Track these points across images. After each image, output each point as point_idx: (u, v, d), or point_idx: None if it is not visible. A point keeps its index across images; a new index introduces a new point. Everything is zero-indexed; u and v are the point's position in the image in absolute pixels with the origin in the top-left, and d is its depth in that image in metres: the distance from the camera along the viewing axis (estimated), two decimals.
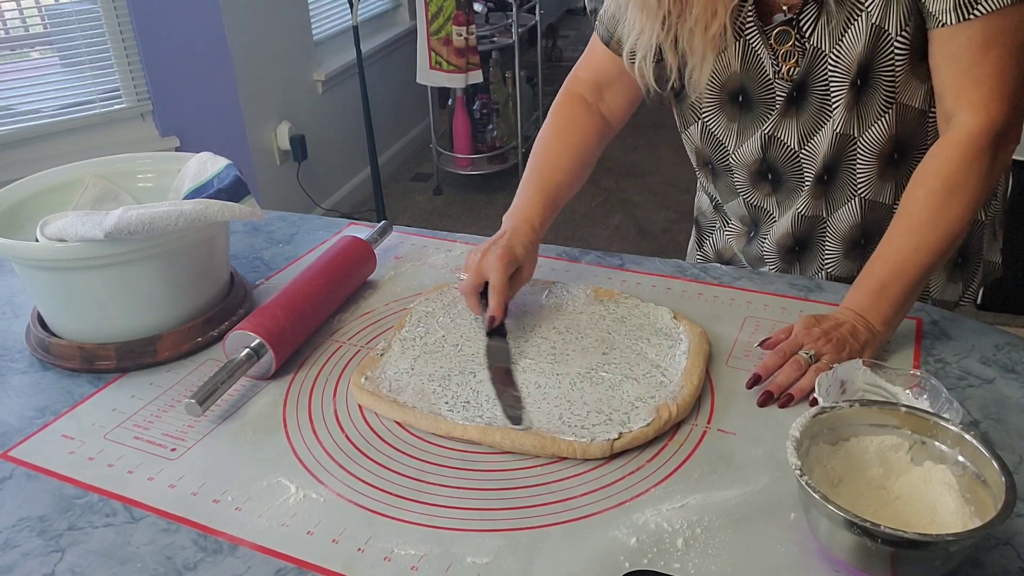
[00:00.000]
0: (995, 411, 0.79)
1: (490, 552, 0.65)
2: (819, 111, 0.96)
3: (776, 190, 1.05)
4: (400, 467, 0.75)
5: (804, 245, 1.07)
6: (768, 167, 1.03)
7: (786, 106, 0.97)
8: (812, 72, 0.93)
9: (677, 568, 0.63)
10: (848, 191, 1.01)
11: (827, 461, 0.67)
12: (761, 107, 0.99)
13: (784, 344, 0.85)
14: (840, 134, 0.96)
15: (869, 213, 1.01)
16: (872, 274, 0.87)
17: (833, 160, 0.98)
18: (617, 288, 1.02)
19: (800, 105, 0.96)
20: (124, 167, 1.06)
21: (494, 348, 0.89)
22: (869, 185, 0.99)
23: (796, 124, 0.98)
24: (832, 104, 0.94)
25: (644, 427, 0.76)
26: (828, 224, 1.04)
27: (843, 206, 1.02)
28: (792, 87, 0.95)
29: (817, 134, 0.97)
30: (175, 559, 0.66)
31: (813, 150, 0.99)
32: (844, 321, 0.85)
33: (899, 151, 0.97)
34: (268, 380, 0.88)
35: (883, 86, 0.91)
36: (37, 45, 2.64)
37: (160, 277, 0.89)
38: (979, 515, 0.61)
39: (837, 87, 0.93)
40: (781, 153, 1.01)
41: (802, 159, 1.00)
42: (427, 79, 3.48)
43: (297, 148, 3.18)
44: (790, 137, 0.99)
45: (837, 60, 0.91)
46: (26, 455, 0.78)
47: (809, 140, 0.98)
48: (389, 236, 1.17)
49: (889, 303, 0.85)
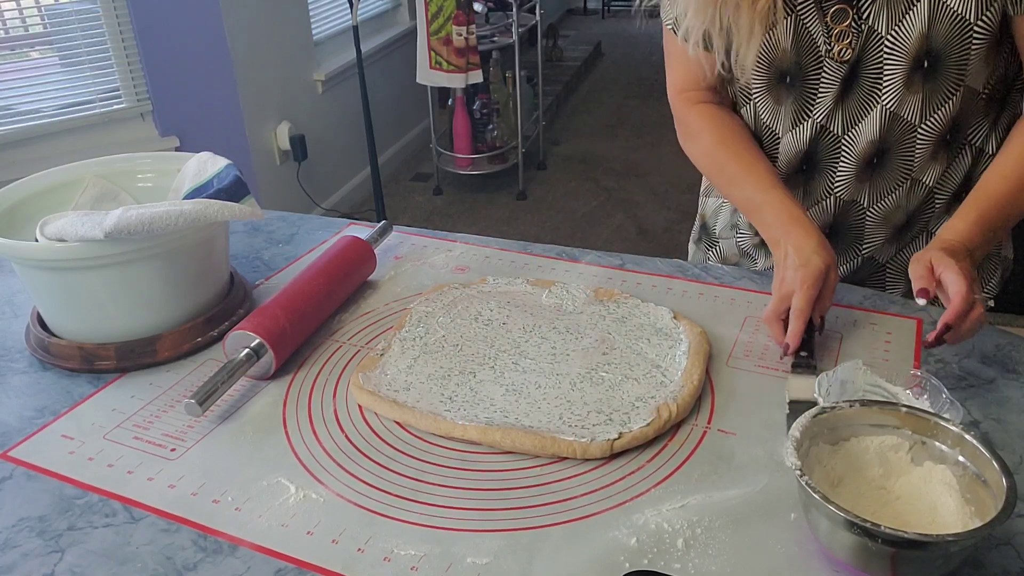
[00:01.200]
0: (995, 411, 0.79)
1: (490, 552, 0.65)
2: (868, 95, 0.93)
3: (807, 183, 1.03)
4: (400, 467, 0.75)
5: (838, 230, 1.05)
6: (808, 158, 1.01)
7: (840, 90, 0.94)
8: (866, 54, 0.91)
9: (677, 568, 0.63)
10: (900, 175, 0.99)
11: (827, 461, 0.67)
12: (808, 89, 0.96)
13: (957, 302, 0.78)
14: (898, 117, 0.94)
15: (912, 195, 1.00)
16: (989, 216, 0.86)
17: (884, 144, 0.96)
18: (617, 288, 1.02)
19: (849, 88, 0.94)
20: (124, 167, 1.06)
21: (796, 384, 0.81)
22: (922, 168, 0.98)
23: (843, 110, 0.96)
24: (883, 90, 0.92)
25: (644, 427, 0.76)
26: (869, 210, 1.02)
27: (892, 191, 1.00)
28: (846, 69, 0.93)
29: (863, 120, 0.95)
30: (175, 559, 0.66)
31: (856, 137, 0.97)
32: (973, 270, 0.81)
33: (952, 132, 0.96)
34: (268, 380, 0.88)
35: (953, 70, 0.90)
36: (37, 45, 2.64)
37: (160, 277, 0.89)
38: (979, 515, 0.61)
39: (891, 71, 0.91)
40: (826, 141, 0.99)
41: (843, 146, 0.98)
42: (427, 79, 3.48)
43: (297, 148, 3.18)
44: (837, 125, 0.97)
45: (894, 43, 0.89)
46: (26, 455, 0.78)
47: (854, 126, 0.96)
48: (389, 236, 1.17)
49: (990, 244, 0.88)
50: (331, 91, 3.46)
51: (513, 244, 1.17)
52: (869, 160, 0.98)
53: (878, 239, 1.05)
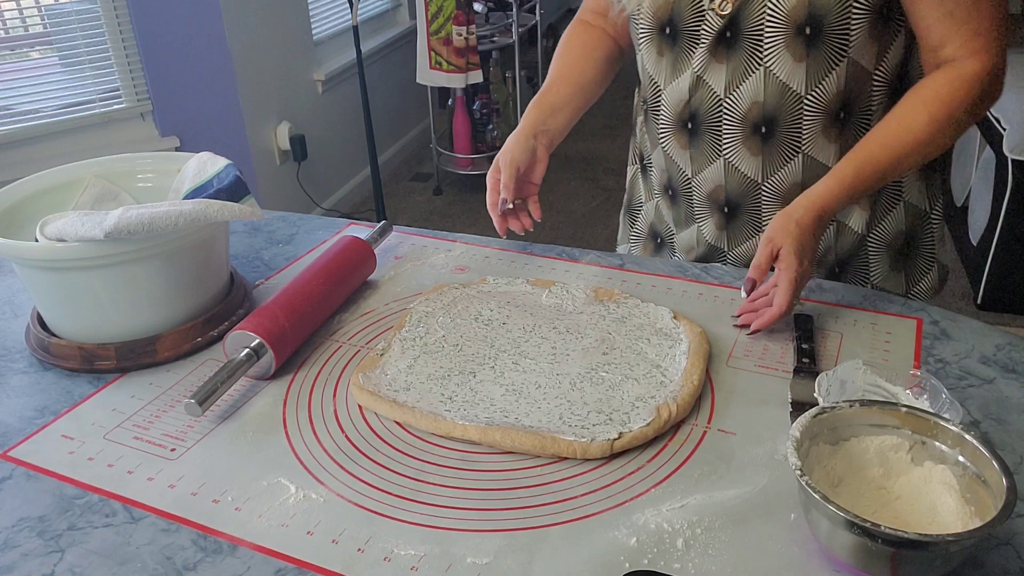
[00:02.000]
0: (995, 411, 0.79)
1: (490, 552, 0.65)
2: (751, 56, 0.96)
3: (692, 143, 1.05)
4: (400, 467, 0.75)
5: (736, 205, 1.07)
6: (691, 114, 1.03)
7: (715, 44, 0.97)
8: (748, 11, 0.93)
9: (677, 568, 0.63)
10: (790, 148, 1.00)
11: (827, 461, 0.67)
12: (688, 40, 0.99)
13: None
14: (781, 83, 0.96)
15: (810, 172, 1.01)
16: (856, 175, 0.91)
17: (770, 111, 0.98)
18: (617, 288, 1.02)
19: (732, 46, 0.96)
20: (124, 167, 1.06)
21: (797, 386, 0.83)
22: (813, 142, 1.00)
23: (726, 67, 0.98)
24: (764, 51, 0.94)
25: (644, 427, 0.76)
26: (764, 185, 1.04)
27: (785, 164, 1.02)
28: (724, 23, 0.95)
29: (745, 82, 0.97)
30: (175, 559, 0.66)
31: (738, 100, 0.98)
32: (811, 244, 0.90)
33: (845, 110, 0.98)
34: (268, 380, 0.88)
35: (836, 40, 0.92)
36: (37, 45, 2.64)
37: (160, 277, 0.89)
38: (979, 515, 0.61)
39: (773, 33, 0.93)
40: (707, 98, 1.01)
41: (724, 108, 1.00)
42: (427, 79, 3.48)
43: (297, 148, 3.18)
44: (717, 82, 0.99)
45: (776, 6, 0.91)
46: (26, 455, 0.78)
47: (737, 87, 0.98)
48: (389, 236, 1.17)
49: (848, 204, 0.93)
50: (331, 91, 3.46)
51: (513, 244, 1.17)
52: (756, 127, 0.99)
53: (775, 213, 1.05)
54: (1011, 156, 2.51)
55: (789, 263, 0.88)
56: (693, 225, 1.13)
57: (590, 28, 1.18)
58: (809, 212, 0.89)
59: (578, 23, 1.19)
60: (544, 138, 1.11)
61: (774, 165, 1.02)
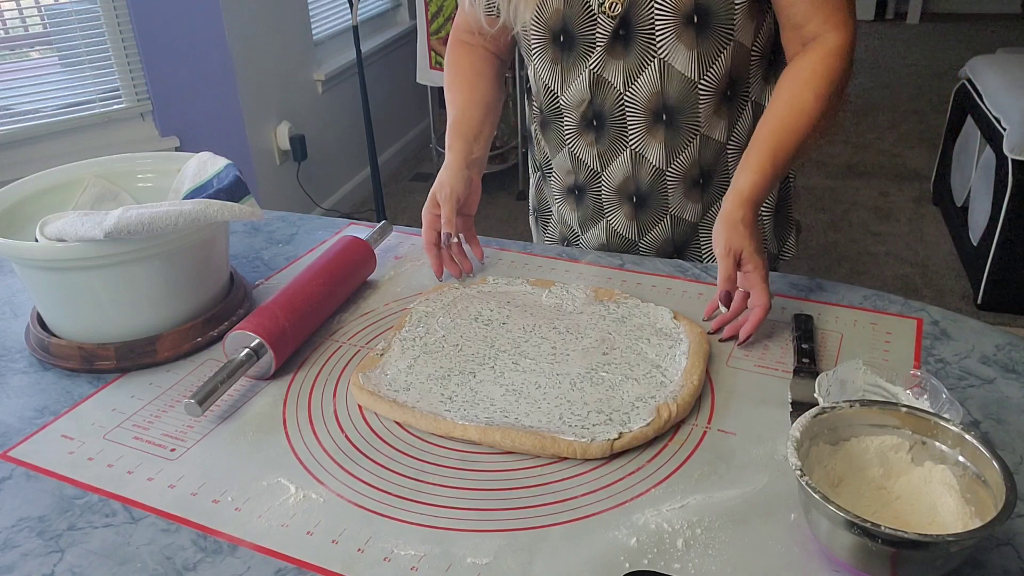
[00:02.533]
0: (995, 411, 0.79)
1: (490, 552, 0.65)
2: (645, 50, 0.98)
3: (599, 139, 1.07)
4: (400, 467, 0.75)
5: (643, 192, 1.10)
6: (595, 112, 1.05)
7: (611, 44, 0.99)
8: (636, 8, 0.96)
9: (677, 568, 0.63)
10: (690, 132, 1.04)
11: (827, 461, 0.67)
12: (584, 46, 1.01)
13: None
14: (676, 72, 0.98)
15: (704, 150, 1.06)
16: (773, 164, 0.92)
17: (668, 99, 1.01)
18: (617, 288, 1.02)
19: (627, 44, 0.99)
20: (124, 167, 1.06)
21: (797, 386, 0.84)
22: (707, 122, 1.03)
23: (622, 64, 1.00)
24: (657, 43, 0.97)
25: (644, 427, 0.76)
26: (667, 169, 1.07)
27: (685, 148, 1.05)
28: (616, 23, 0.97)
29: (643, 74, 1.00)
30: (175, 559, 0.66)
31: (637, 92, 1.01)
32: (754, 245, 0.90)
33: (731, 88, 1.03)
34: (268, 380, 0.88)
35: (722, 26, 0.95)
36: (37, 45, 2.64)
37: (160, 277, 0.89)
38: (980, 515, 0.61)
39: (664, 26, 0.96)
40: (608, 95, 1.03)
41: (626, 101, 1.02)
42: (427, 79, 3.48)
43: (297, 148, 3.18)
44: (616, 78, 1.01)
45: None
46: (26, 455, 0.78)
47: (635, 80, 1.01)
48: (389, 236, 1.17)
49: (769, 193, 0.95)
50: (331, 91, 3.46)
51: (513, 244, 1.17)
52: (658, 115, 1.03)
53: (679, 195, 1.10)
54: (1011, 156, 2.51)
55: (756, 263, 0.89)
56: (602, 221, 1.16)
57: (472, 48, 1.17)
58: (748, 210, 0.90)
59: (458, 44, 1.18)
60: (475, 167, 1.10)
61: (676, 149, 1.06)
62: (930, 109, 4.56)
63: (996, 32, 6.12)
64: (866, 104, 4.73)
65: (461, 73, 1.15)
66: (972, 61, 3.20)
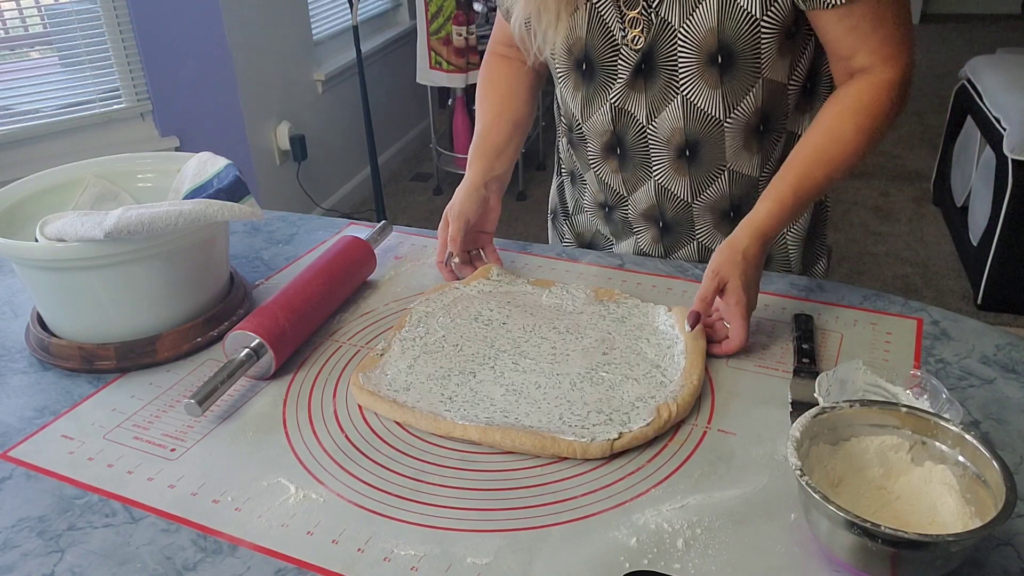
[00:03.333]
0: (996, 411, 0.79)
1: (490, 552, 0.65)
2: (667, 85, 0.97)
3: (623, 167, 1.06)
4: (400, 467, 0.75)
5: (668, 218, 1.09)
6: (618, 140, 1.05)
7: (633, 77, 0.98)
8: (659, 44, 0.94)
9: (677, 568, 0.63)
10: (716, 167, 1.02)
11: (827, 461, 0.67)
12: (606, 76, 1.00)
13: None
14: (700, 110, 0.97)
15: (734, 185, 1.04)
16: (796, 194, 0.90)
17: (692, 135, 0.99)
18: (617, 288, 1.02)
19: (648, 78, 0.97)
20: (124, 167, 1.06)
21: (797, 386, 0.83)
22: (736, 158, 1.01)
23: (645, 97, 0.99)
24: (680, 80, 0.96)
25: (644, 427, 0.76)
26: (694, 201, 1.06)
27: (712, 183, 1.04)
28: (639, 57, 0.96)
29: (665, 110, 0.98)
30: (175, 559, 0.66)
31: (660, 126, 1.00)
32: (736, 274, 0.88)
33: (764, 123, 1.00)
34: (268, 380, 0.88)
35: (748, 65, 0.93)
36: (37, 45, 2.64)
37: (160, 277, 0.89)
38: (980, 515, 0.61)
39: (687, 63, 0.94)
40: (630, 126, 1.02)
41: (649, 135, 1.01)
42: (427, 79, 3.48)
43: (297, 148, 3.18)
44: (639, 110, 1.00)
45: (687, 36, 0.92)
46: (26, 455, 0.78)
47: (657, 115, 0.99)
48: (389, 236, 1.17)
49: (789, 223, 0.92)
50: (331, 91, 3.46)
51: (513, 244, 1.17)
52: (681, 151, 1.01)
53: (707, 225, 1.09)
54: (1011, 156, 2.51)
55: (739, 298, 0.87)
56: (631, 237, 1.15)
57: (508, 61, 1.14)
58: (754, 242, 0.88)
59: (494, 57, 1.16)
60: (495, 184, 1.10)
61: (702, 184, 1.04)
62: (930, 109, 4.56)
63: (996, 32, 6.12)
64: None
65: (494, 88, 1.14)
66: (972, 61, 3.20)
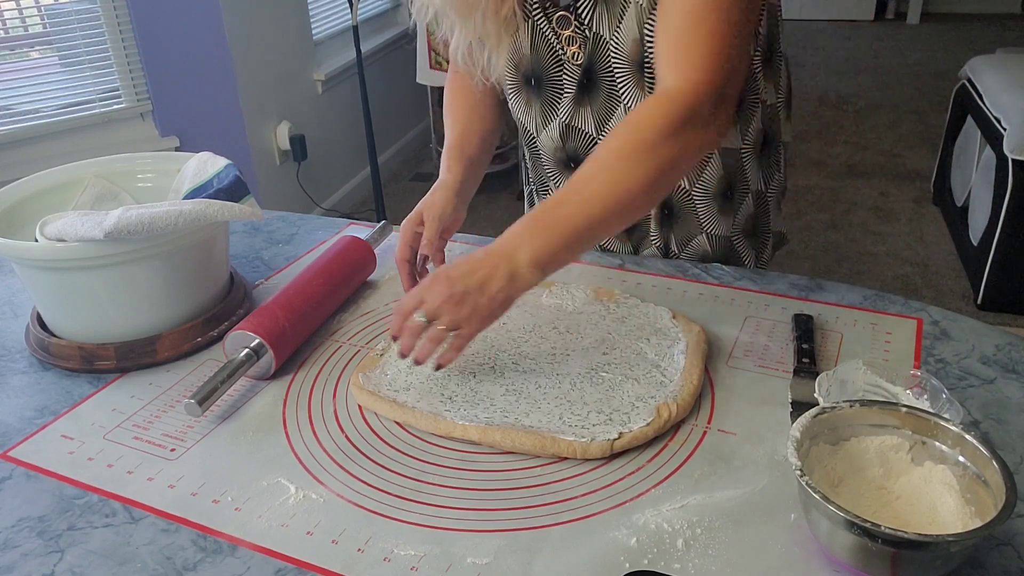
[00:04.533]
0: (996, 411, 0.79)
1: (490, 552, 0.65)
2: (609, 97, 0.99)
3: None
4: (400, 467, 0.75)
5: (634, 225, 1.11)
6: (570, 156, 1.06)
7: (579, 92, 1.00)
8: (597, 58, 0.97)
9: (677, 568, 0.63)
10: None
11: (827, 461, 0.67)
12: (553, 91, 1.02)
13: (403, 301, 0.80)
14: None
15: (684, 190, 1.06)
16: (547, 210, 0.81)
17: None
18: (617, 288, 1.02)
19: (592, 91, 0.99)
20: (124, 167, 1.06)
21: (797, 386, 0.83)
22: None
23: (591, 111, 1.01)
24: (620, 90, 0.98)
25: (644, 427, 0.76)
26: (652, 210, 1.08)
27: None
28: (581, 73, 0.98)
29: (611, 120, 1.01)
30: (175, 559, 0.66)
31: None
32: (479, 268, 0.78)
33: None
34: (268, 380, 0.88)
35: None
36: (37, 45, 2.64)
37: (160, 277, 0.89)
38: (980, 515, 0.61)
39: (622, 74, 0.96)
40: (580, 141, 1.04)
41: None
42: (427, 79, 3.48)
43: (297, 148, 3.18)
44: (587, 124, 1.02)
45: (618, 47, 0.94)
46: (26, 455, 0.78)
47: (604, 126, 1.01)
48: (389, 236, 1.17)
49: (548, 243, 0.78)
50: (331, 91, 3.46)
51: None
52: None
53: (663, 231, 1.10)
54: (1011, 156, 2.51)
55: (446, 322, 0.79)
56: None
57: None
58: (535, 272, 0.79)
59: (457, 74, 1.14)
60: (464, 194, 1.08)
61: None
62: (930, 109, 4.56)
63: (996, 32, 6.12)
64: (866, 104, 4.73)
65: (461, 102, 1.13)
66: (972, 61, 3.20)
